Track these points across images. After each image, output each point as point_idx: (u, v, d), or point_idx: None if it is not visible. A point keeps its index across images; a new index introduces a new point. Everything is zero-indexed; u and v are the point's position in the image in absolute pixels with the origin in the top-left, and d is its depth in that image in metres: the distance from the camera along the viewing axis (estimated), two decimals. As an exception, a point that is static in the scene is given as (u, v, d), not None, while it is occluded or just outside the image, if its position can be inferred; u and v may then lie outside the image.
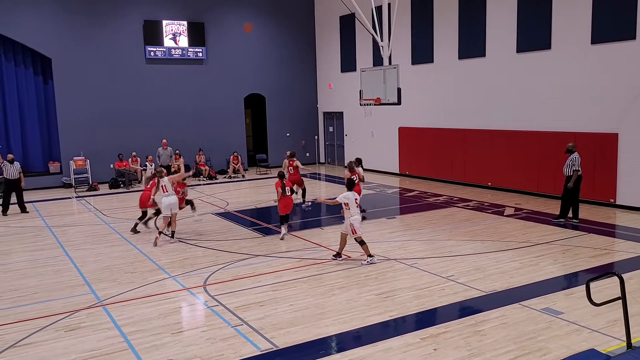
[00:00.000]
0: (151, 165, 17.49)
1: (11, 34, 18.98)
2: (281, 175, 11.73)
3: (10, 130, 19.88)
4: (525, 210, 13.55)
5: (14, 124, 19.89)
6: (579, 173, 11.85)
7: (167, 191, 11.34)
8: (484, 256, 9.82)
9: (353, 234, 9.45)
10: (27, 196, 18.08)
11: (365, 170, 14.42)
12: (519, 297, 7.71)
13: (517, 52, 15.60)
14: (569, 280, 8.56)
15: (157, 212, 12.37)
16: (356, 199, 9.57)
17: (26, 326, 7.25)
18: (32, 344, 6.70)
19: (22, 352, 6.49)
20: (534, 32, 15.03)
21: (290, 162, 14.64)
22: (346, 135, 23.42)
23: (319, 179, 21.05)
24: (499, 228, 11.95)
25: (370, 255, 9.53)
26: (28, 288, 8.86)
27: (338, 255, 9.80)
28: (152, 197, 11.77)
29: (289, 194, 11.69)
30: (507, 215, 13.15)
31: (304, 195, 14.98)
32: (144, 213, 12.38)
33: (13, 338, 6.88)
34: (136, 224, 12.36)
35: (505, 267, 9.13)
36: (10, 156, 15.36)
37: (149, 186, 12.08)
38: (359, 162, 13.53)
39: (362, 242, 9.50)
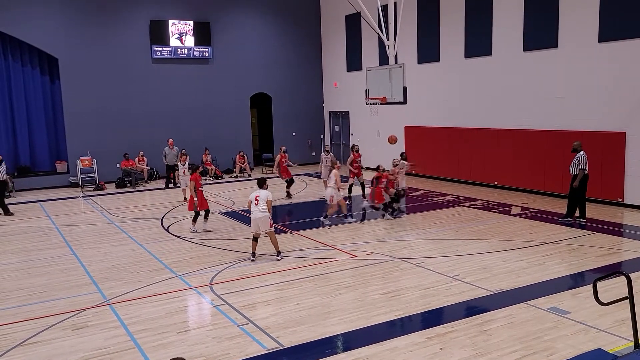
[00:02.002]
0: (184, 165, 16.49)
1: (18, 34, 19.10)
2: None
3: (18, 130, 20.00)
4: (532, 210, 13.49)
5: (21, 123, 20.01)
6: (585, 172, 11.78)
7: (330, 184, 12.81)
8: (490, 255, 9.79)
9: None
10: (35, 195, 18.26)
11: (369, 169, 14.36)
12: (525, 297, 7.68)
13: (524, 50, 15.53)
14: (576, 280, 8.52)
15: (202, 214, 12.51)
16: (257, 196, 9.81)
17: (34, 325, 7.30)
18: (40, 343, 6.73)
19: (29, 351, 6.53)
20: (541, 31, 14.95)
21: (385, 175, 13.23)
22: (352, 134, 23.40)
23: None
24: (506, 227, 11.90)
25: (253, 254, 9.99)
26: (35, 287, 8.91)
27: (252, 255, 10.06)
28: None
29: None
30: (514, 215, 13.09)
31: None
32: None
33: (21, 336, 6.92)
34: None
35: (512, 267, 9.10)
36: None
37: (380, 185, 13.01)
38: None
39: (254, 239, 9.96)
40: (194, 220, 12.37)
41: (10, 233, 13.09)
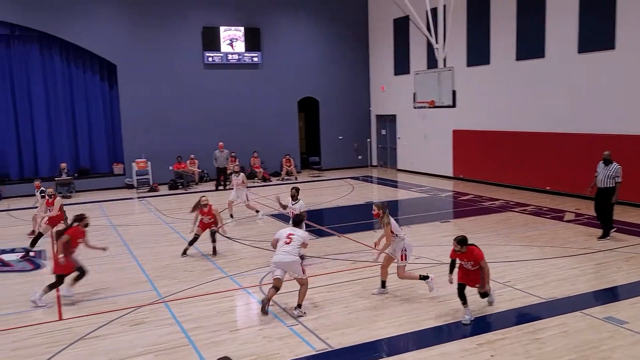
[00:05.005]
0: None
1: (80, 42, 20.04)
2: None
3: (79, 134, 21.01)
4: (587, 216, 13.06)
5: (82, 127, 21.01)
6: None
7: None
8: (542, 262, 9.56)
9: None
10: (92, 196, 19.03)
11: (416, 173, 14.26)
12: (580, 306, 7.49)
13: (579, 52, 15.07)
14: (634, 289, 8.21)
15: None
16: (290, 234, 7.70)
17: (95, 320, 7.67)
18: (101, 337, 7.08)
19: (91, 344, 6.88)
20: (597, 32, 14.47)
21: None
22: (399, 138, 23.29)
23: (371, 182, 21.02)
24: (559, 234, 11.59)
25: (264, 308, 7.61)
26: (97, 283, 9.31)
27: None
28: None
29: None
30: (567, 221, 12.72)
31: None
32: None
33: (83, 330, 7.30)
34: None
35: (565, 274, 8.87)
36: None
37: None
38: None
39: (275, 288, 7.67)
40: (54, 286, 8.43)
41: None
